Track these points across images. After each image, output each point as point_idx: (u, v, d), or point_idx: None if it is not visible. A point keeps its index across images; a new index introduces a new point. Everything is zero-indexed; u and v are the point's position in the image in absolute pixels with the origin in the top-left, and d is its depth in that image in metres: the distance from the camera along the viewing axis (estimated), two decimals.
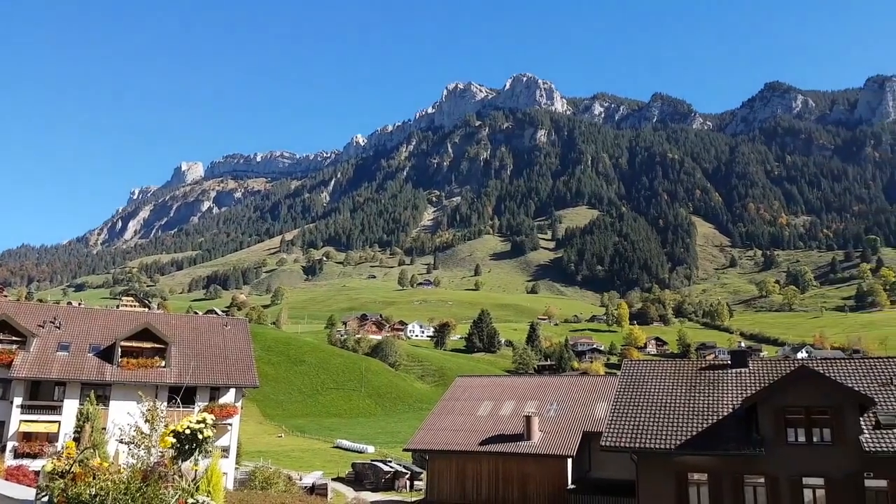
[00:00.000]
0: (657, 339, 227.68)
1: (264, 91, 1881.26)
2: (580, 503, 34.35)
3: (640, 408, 29.42)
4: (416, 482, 57.94)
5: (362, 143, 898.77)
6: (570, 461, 35.66)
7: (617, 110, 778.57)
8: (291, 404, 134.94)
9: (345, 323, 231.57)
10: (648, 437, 27.63)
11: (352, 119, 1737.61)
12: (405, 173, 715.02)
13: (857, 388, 26.50)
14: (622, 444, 27.76)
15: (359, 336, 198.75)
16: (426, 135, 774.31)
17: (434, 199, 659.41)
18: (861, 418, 25.46)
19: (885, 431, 24.96)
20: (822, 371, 27.70)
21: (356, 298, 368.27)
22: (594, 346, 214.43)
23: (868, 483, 24.61)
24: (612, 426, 28.77)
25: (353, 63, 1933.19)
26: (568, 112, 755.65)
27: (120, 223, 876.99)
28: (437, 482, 38.36)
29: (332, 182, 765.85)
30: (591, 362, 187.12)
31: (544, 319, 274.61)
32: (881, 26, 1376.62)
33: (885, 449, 24.30)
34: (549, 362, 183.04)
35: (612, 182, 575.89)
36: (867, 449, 24.49)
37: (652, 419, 28.52)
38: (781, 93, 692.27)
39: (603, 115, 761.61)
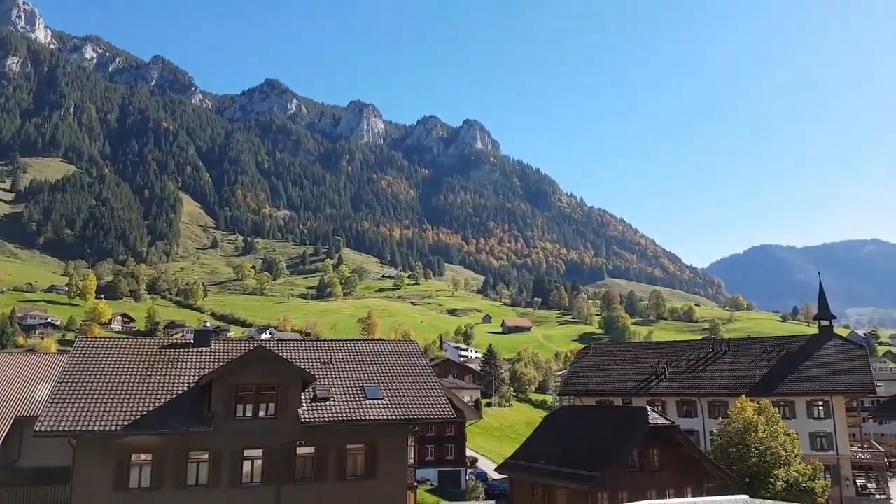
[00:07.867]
0: (125, 315, 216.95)
1: None
2: (1, 497, 29.36)
3: (88, 389, 26.81)
4: None
5: None
6: None
7: (112, 61, 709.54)
8: None
9: None
10: (93, 419, 25.30)
11: None
12: None
13: (303, 367, 29.37)
14: (61, 429, 24.78)
15: None
16: None
17: None
18: (303, 393, 28.35)
19: (319, 404, 28.42)
20: (277, 351, 29.91)
21: None
22: (48, 320, 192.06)
23: (300, 450, 27.53)
24: (52, 409, 25.47)
25: None
26: (52, 46, 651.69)
27: None
28: None
29: None
30: (42, 338, 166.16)
31: None
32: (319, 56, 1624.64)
33: (317, 420, 27.71)
34: None
35: (97, 139, 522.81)
36: (303, 420, 27.44)
37: (100, 400, 26.26)
38: (280, 92, 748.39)
39: (95, 62, 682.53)
